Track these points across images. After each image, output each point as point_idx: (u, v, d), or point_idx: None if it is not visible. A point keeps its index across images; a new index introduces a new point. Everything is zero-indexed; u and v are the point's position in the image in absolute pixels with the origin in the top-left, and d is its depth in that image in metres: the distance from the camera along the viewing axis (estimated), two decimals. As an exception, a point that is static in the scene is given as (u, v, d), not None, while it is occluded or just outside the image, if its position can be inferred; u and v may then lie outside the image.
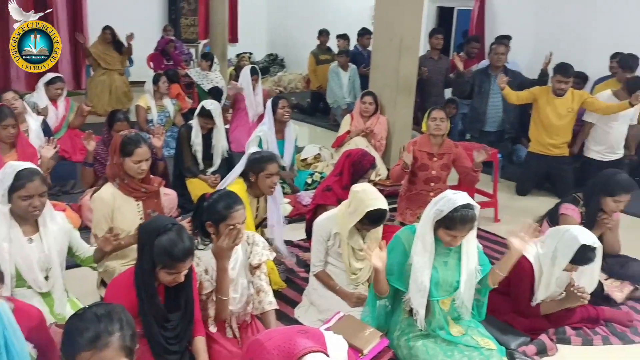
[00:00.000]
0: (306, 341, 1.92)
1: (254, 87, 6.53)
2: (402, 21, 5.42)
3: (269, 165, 3.33)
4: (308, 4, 11.33)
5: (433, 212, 2.55)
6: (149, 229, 2.21)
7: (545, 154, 5.40)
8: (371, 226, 3.01)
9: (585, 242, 2.86)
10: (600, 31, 6.93)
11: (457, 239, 2.56)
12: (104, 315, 1.62)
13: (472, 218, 2.51)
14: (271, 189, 3.37)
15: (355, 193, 2.98)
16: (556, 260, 2.94)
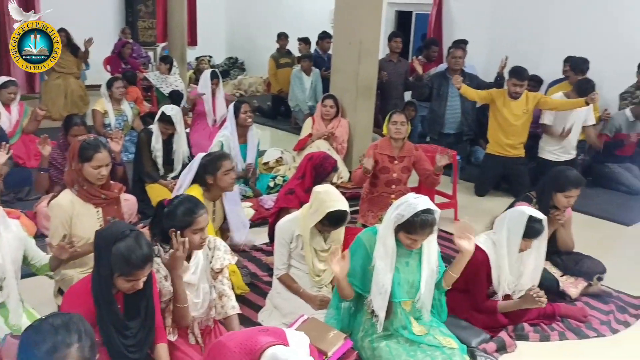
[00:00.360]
0: (267, 337, 1.92)
1: (215, 91, 6.49)
2: (361, 25, 5.47)
3: (223, 162, 3.33)
4: (268, 8, 11.32)
5: (394, 216, 2.58)
6: (106, 236, 2.17)
7: (502, 155, 5.53)
8: (332, 227, 3.02)
9: (531, 214, 3.02)
10: (554, 36, 7.15)
11: (417, 242, 2.60)
12: (61, 326, 1.58)
13: (432, 223, 2.56)
14: (231, 184, 3.37)
15: (317, 194, 3.00)
16: (510, 241, 3.06)
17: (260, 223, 4.51)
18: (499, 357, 2.96)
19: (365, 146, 5.84)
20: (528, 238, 3.05)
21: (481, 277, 3.09)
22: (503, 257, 3.09)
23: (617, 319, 3.39)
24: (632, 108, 5.94)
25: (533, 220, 3.02)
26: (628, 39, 6.47)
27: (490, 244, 3.13)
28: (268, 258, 3.84)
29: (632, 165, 6.09)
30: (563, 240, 3.67)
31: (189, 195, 2.69)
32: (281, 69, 8.75)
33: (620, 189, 5.85)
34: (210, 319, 2.70)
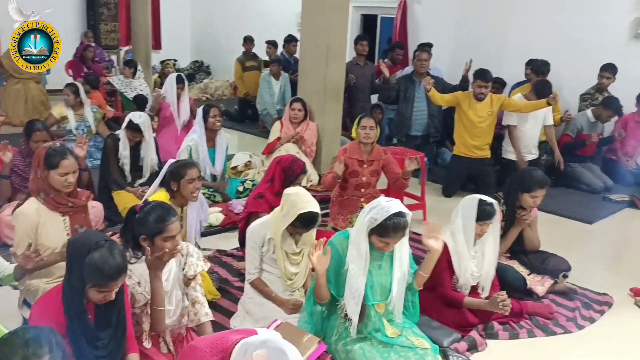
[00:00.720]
0: (238, 335, 1.91)
1: (180, 96, 6.42)
2: (328, 28, 5.49)
3: (189, 170, 3.30)
4: (233, 11, 11.26)
5: (367, 220, 2.59)
6: (79, 245, 2.12)
7: (468, 156, 5.63)
8: (303, 229, 3.01)
9: (480, 198, 3.16)
10: (515, 39, 7.30)
11: (389, 245, 2.62)
12: (31, 338, 1.54)
13: (404, 226, 2.58)
14: (194, 194, 3.34)
15: (288, 196, 2.99)
16: (466, 226, 3.17)
17: (230, 228, 4.48)
18: (470, 356, 3.00)
19: (334, 149, 5.88)
20: (482, 221, 3.16)
21: (442, 266, 3.12)
22: (462, 244, 3.18)
23: (583, 315, 3.48)
24: (594, 109, 6.12)
25: (484, 204, 3.15)
26: (587, 42, 6.65)
27: (448, 234, 3.22)
28: (239, 263, 3.82)
29: (593, 164, 6.27)
30: (529, 240, 3.75)
31: (161, 202, 2.65)
32: (247, 72, 8.72)
33: (581, 188, 6.01)
34: (182, 327, 2.67)
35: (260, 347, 1.66)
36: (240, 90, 8.92)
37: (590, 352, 3.15)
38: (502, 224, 3.62)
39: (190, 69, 11.69)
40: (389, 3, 8.62)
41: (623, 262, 4.37)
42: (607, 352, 3.16)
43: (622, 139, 6.17)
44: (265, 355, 1.63)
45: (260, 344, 1.68)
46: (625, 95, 6.15)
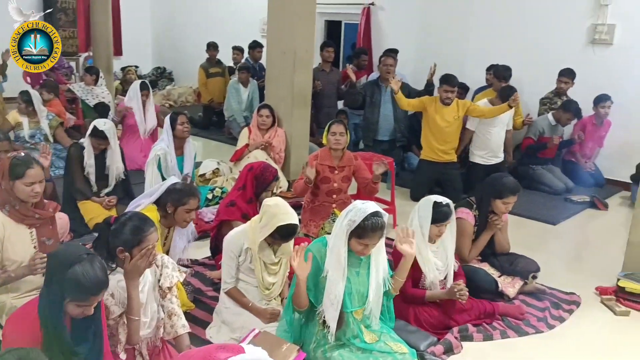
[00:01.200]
0: (225, 353, 1.88)
1: (145, 103, 6.33)
2: (295, 35, 5.48)
3: (191, 200, 3.22)
4: (195, 17, 11.15)
5: (346, 224, 2.59)
6: (61, 259, 2.05)
7: (435, 161, 5.70)
8: (282, 241, 3.00)
9: (436, 200, 3.19)
10: (476, 45, 7.46)
11: (368, 247, 2.62)
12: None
13: (382, 225, 2.59)
14: (186, 223, 3.28)
15: (268, 207, 2.96)
16: (422, 228, 3.20)
17: (200, 237, 4.41)
18: (447, 358, 3.03)
19: (303, 155, 5.89)
20: (438, 223, 3.19)
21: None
22: (421, 244, 3.20)
23: (552, 315, 3.56)
24: (554, 113, 6.29)
25: (439, 205, 3.18)
26: (546, 47, 6.85)
27: None
28: (212, 273, 3.77)
29: (554, 166, 6.44)
30: (500, 243, 3.82)
31: (138, 212, 2.60)
32: (211, 79, 8.64)
33: (543, 190, 6.16)
34: (158, 339, 2.62)
35: None
36: (204, 97, 8.82)
37: (562, 351, 3.22)
38: (475, 229, 3.70)
39: (152, 76, 11.51)
40: (352, 9, 8.69)
41: (587, 262, 4.50)
42: (577, 350, 3.24)
43: (580, 141, 6.36)
44: None
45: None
46: (583, 98, 6.35)
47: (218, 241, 3.82)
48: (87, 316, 2.13)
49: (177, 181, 3.40)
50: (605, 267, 4.22)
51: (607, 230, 5.28)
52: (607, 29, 6.46)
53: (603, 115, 6.30)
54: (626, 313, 3.63)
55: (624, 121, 6.35)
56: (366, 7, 8.47)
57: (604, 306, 3.74)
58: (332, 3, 8.35)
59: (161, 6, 11.90)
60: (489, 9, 7.36)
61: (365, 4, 8.48)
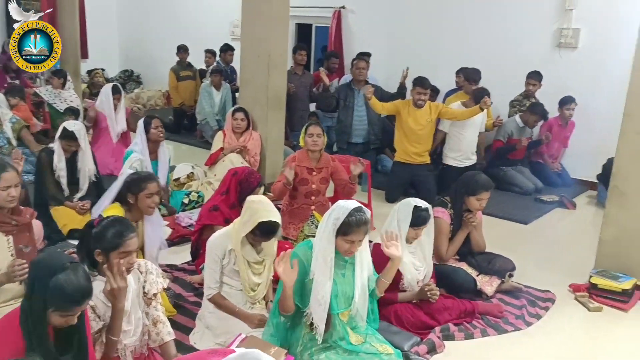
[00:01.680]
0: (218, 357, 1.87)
1: (116, 107, 6.23)
2: (269, 38, 5.48)
3: (149, 184, 3.20)
4: (164, 19, 11.00)
5: (331, 223, 2.60)
6: (43, 267, 2.00)
7: (409, 163, 5.77)
8: (263, 238, 2.96)
9: (416, 204, 3.23)
10: (446, 48, 7.57)
11: (354, 244, 2.63)
12: None
13: (366, 220, 2.63)
14: (151, 208, 3.24)
15: (251, 203, 2.97)
16: (401, 230, 3.23)
17: (178, 242, 4.37)
18: (430, 358, 3.07)
19: (278, 158, 5.89)
20: (416, 227, 3.24)
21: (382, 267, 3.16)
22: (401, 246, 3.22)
23: (530, 312, 3.64)
24: (521, 115, 6.43)
25: (419, 210, 3.22)
26: (514, 50, 7.00)
27: None
28: (193, 277, 3.73)
29: (524, 167, 6.59)
30: (476, 242, 3.89)
31: (121, 217, 2.56)
32: (182, 82, 8.55)
33: (514, 190, 6.29)
34: (144, 346, 2.58)
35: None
36: (174, 100, 8.73)
37: (540, 347, 3.30)
38: (451, 227, 3.76)
39: (120, 79, 11.31)
40: (323, 12, 8.72)
41: (559, 260, 4.60)
42: (555, 346, 3.32)
43: (548, 142, 6.52)
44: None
45: (239, 357, 1.65)
46: (550, 100, 6.51)
47: (199, 246, 3.80)
48: (70, 325, 2.09)
49: (130, 172, 3.37)
50: (577, 264, 4.34)
51: (577, 229, 5.43)
52: (572, 33, 6.64)
53: (567, 117, 6.47)
54: (599, 309, 3.74)
55: (589, 122, 6.53)
56: (337, 11, 8.51)
57: (578, 303, 3.84)
58: (303, 6, 8.36)
59: (128, 8, 11.71)
60: (458, 13, 7.48)
61: (336, 7, 8.53)
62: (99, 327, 2.39)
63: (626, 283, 3.81)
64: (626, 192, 3.89)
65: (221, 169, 5.23)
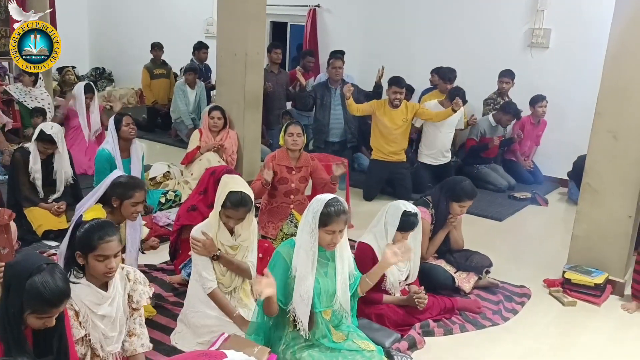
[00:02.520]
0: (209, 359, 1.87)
1: (89, 106, 6.14)
2: (245, 36, 5.46)
3: (136, 193, 3.14)
4: (136, 17, 10.85)
5: (311, 217, 2.64)
6: (19, 269, 1.96)
7: (386, 161, 5.82)
8: (233, 210, 2.94)
9: (405, 209, 3.26)
10: (420, 47, 7.65)
11: (335, 235, 2.65)
12: None
13: (344, 209, 2.67)
14: (134, 215, 3.20)
15: (224, 179, 3.08)
16: (387, 233, 3.28)
17: (157, 241, 4.33)
18: (411, 354, 3.11)
19: (255, 157, 5.88)
20: (404, 231, 3.28)
21: (368, 267, 3.20)
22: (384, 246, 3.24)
23: (506, 307, 3.72)
24: (494, 114, 6.54)
25: (407, 214, 3.26)
26: (486, 50, 7.12)
27: (371, 237, 3.35)
28: (172, 277, 3.71)
29: (497, 165, 6.70)
30: (455, 240, 3.97)
31: (105, 221, 2.51)
32: (156, 80, 8.46)
33: (488, 188, 6.39)
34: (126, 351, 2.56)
35: None
36: (148, 99, 8.63)
37: (517, 341, 3.37)
38: (432, 227, 3.82)
39: (91, 76, 11.12)
40: (298, 11, 8.72)
41: (533, 255, 4.70)
42: (531, 340, 3.40)
43: (520, 139, 6.65)
44: None
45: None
46: (522, 99, 6.65)
47: (178, 246, 3.78)
48: (49, 327, 2.06)
49: (120, 174, 3.33)
50: (550, 260, 4.45)
51: (549, 225, 5.55)
52: (544, 33, 6.78)
53: (540, 114, 6.60)
54: (573, 303, 3.84)
55: (559, 121, 6.69)
56: (312, 9, 8.53)
57: (553, 297, 3.93)
58: (278, 4, 8.35)
59: (98, 4, 11.53)
60: (432, 12, 7.57)
61: (311, 5, 8.54)
62: (80, 336, 2.34)
63: (598, 278, 3.91)
64: (598, 189, 3.99)
65: (198, 168, 5.21)
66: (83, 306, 2.35)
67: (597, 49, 3.99)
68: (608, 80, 3.89)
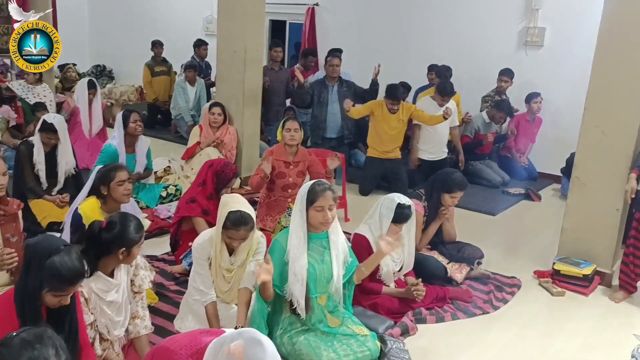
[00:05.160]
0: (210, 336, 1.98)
1: (91, 102, 6.25)
2: (245, 34, 5.57)
3: (118, 172, 3.26)
4: (136, 15, 10.94)
5: (299, 199, 2.78)
6: (39, 250, 2.10)
7: (382, 157, 5.94)
8: (233, 230, 2.92)
9: (399, 201, 3.37)
10: (417, 45, 7.77)
11: (325, 211, 2.76)
12: (35, 340, 1.54)
13: (329, 186, 2.82)
14: (126, 196, 3.29)
15: (223, 199, 3.08)
16: (382, 224, 3.38)
17: (157, 233, 4.45)
18: (404, 340, 3.23)
19: (254, 153, 5.99)
20: (398, 223, 3.39)
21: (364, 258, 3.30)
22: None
23: (497, 297, 3.83)
24: (488, 111, 6.65)
25: (402, 207, 3.37)
26: (482, 49, 7.23)
27: (366, 228, 3.46)
28: (173, 267, 3.82)
29: (491, 161, 6.82)
30: (447, 232, 4.09)
31: (125, 213, 2.66)
32: (157, 77, 8.56)
33: (482, 183, 6.50)
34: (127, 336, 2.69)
35: (237, 339, 1.71)
36: (148, 96, 8.73)
37: (506, 329, 3.49)
38: (425, 219, 3.94)
39: (92, 74, 11.20)
40: (297, 9, 8.83)
41: (525, 248, 4.82)
42: (520, 328, 3.52)
43: (514, 137, 6.76)
44: (242, 345, 1.69)
45: (237, 335, 1.74)
46: (517, 97, 6.78)
47: (178, 237, 3.90)
48: (62, 306, 2.18)
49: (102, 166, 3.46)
50: (541, 252, 4.57)
51: (541, 220, 5.66)
52: (538, 32, 6.90)
53: (536, 111, 6.71)
54: (562, 293, 3.96)
55: (554, 118, 6.80)
56: (310, 7, 8.64)
57: (542, 288, 4.06)
58: (276, 3, 8.46)
59: (99, 2, 11.63)
60: (428, 11, 7.68)
61: (309, 4, 8.65)
62: (90, 321, 2.47)
63: (587, 269, 4.03)
64: (586, 183, 4.11)
65: (198, 163, 5.29)
66: (92, 294, 2.48)
67: (590, 47, 4.08)
68: (597, 76, 4.01)
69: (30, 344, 1.54)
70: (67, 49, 11.26)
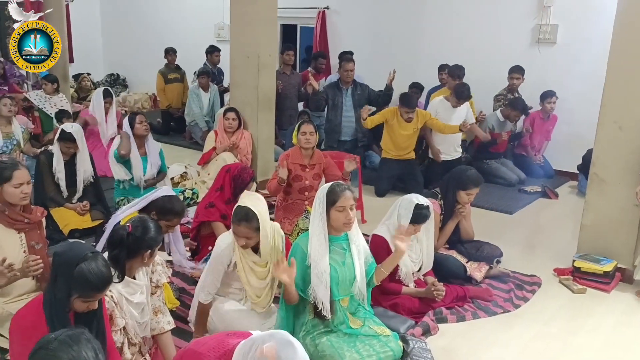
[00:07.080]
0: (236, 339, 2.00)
1: (107, 110, 6.33)
2: (257, 39, 5.61)
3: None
4: (147, 23, 11.05)
5: (318, 202, 2.80)
6: (68, 257, 2.14)
7: (397, 159, 5.95)
8: (235, 224, 2.89)
9: (417, 202, 3.38)
10: (428, 46, 7.77)
11: (347, 211, 2.78)
12: (74, 341, 1.57)
13: (348, 187, 2.85)
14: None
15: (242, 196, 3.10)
16: (400, 225, 3.38)
17: (177, 238, 4.48)
18: (425, 339, 3.23)
19: (269, 157, 6.03)
20: (416, 224, 3.39)
21: (383, 259, 3.30)
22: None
23: (517, 295, 3.83)
24: (502, 110, 6.63)
25: (420, 207, 3.38)
26: (494, 47, 7.21)
27: (385, 229, 3.47)
28: (194, 271, 3.85)
29: (506, 160, 6.79)
30: (465, 231, 4.08)
31: (143, 216, 2.72)
32: (170, 84, 8.63)
33: (498, 182, 6.48)
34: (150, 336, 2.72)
35: (269, 341, 1.72)
36: (162, 103, 8.81)
37: (528, 327, 3.48)
38: (441, 217, 3.94)
39: (106, 83, 11.35)
40: (307, 13, 8.87)
41: (543, 246, 4.81)
42: (542, 326, 3.51)
43: (529, 135, 6.73)
44: (275, 347, 1.70)
45: (269, 337, 1.75)
46: (531, 95, 6.74)
47: (197, 242, 3.93)
48: (90, 311, 2.22)
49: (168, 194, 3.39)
50: (560, 250, 4.54)
51: (559, 217, 5.63)
52: (551, 29, 6.87)
53: (549, 110, 6.68)
54: (583, 291, 3.94)
55: (568, 115, 6.76)
56: (321, 11, 8.68)
57: (562, 285, 4.04)
58: (287, 7, 8.49)
59: (111, 12, 11.76)
60: (439, 11, 7.68)
61: (320, 7, 8.69)
62: (122, 325, 2.48)
63: (607, 265, 4.01)
64: (605, 179, 4.09)
65: (214, 168, 5.35)
66: (122, 298, 2.51)
67: (603, 43, 4.07)
68: (613, 72, 3.99)
69: (70, 345, 1.57)
70: (81, 59, 11.53)
